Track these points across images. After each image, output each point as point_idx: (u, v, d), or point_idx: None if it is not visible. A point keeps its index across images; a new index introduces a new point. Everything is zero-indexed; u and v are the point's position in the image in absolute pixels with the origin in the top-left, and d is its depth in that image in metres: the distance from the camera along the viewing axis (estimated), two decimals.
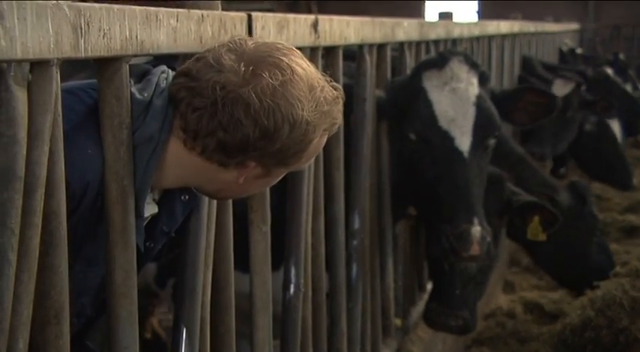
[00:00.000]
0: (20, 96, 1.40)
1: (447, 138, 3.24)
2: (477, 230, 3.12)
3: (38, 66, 1.44)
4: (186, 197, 1.89)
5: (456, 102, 3.24)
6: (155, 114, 1.73)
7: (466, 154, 3.21)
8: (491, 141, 3.31)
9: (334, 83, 1.80)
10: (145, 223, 1.80)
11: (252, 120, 1.67)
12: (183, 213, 1.91)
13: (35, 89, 1.44)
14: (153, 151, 1.72)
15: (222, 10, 2.08)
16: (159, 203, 1.85)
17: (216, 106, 1.67)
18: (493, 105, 3.34)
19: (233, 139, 1.68)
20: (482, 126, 3.24)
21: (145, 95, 1.73)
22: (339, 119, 1.80)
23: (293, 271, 2.59)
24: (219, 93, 1.67)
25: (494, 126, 3.30)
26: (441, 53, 3.45)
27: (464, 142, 3.22)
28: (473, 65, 3.31)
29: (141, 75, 1.80)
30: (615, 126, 6.61)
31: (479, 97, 3.27)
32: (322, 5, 15.16)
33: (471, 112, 3.24)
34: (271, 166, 1.76)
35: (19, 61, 1.38)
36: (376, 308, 3.43)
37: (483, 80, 3.33)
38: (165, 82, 1.77)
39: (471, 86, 3.27)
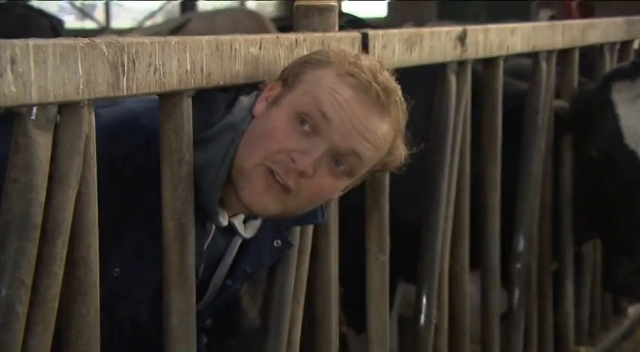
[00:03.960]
0: (41, 141, 1.35)
1: (633, 159, 2.87)
2: None
3: (66, 108, 1.38)
4: (279, 243, 1.78)
5: None
6: (241, 106, 1.66)
7: None
8: None
9: None
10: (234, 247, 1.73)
11: None
12: (271, 260, 1.81)
13: (63, 131, 1.39)
14: (232, 141, 1.62)
15: None
16: (249, 243, 1.75)
17: None
18: None
19: None
20: None
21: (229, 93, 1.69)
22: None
23: (424, 300, 2.42)
24: None
25: None
26: (634, 62, 3.06)
27: None
28: None
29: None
30: None
31: None
32: None
33: None
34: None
35: (33, 106, 1.32)
36: (546, 337, 3.15)
37: None
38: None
39: None
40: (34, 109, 1.34)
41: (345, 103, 1.58)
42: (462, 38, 2.33)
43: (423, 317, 2.43)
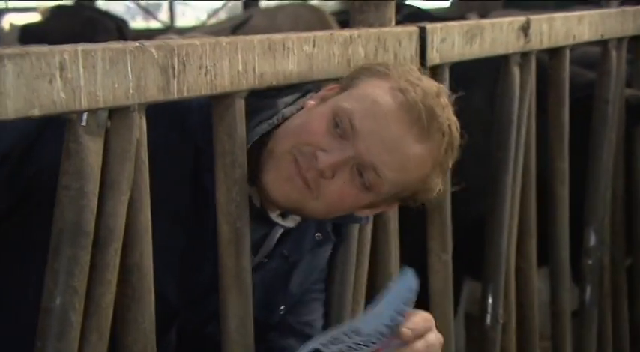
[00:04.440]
0: (92, 146, 1.33)
1: None
2: None
3: (116, 113, 1.36)
4: (320, 236, 1.73)
5: None
6: (289, 95, 1.65)
7: None
8: None
9: None
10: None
11: None
12: (310, 250, 1.75)
13: (113, 136, 1.37)
14: (269, 117, 1.61)
15: None
16: (289, 233, 1.70)
17: None
18: None
19: None
20: None
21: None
22: None
23: (490, 300, 2.36)
24: None
25: None
26: None
27: None
28: None
29: None
30: None
31: None
32: None
33: None
34: None
35: (83, 112, 1.31)
36: (622, 335, 3.05)
37: None
38: None
39: None
40: (85, 115, 1.32)
41: (382, 116, 1.53)
42: (525, 29, 2.25)
43: (489, 317, 2.36)
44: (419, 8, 7.70)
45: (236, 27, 5.49)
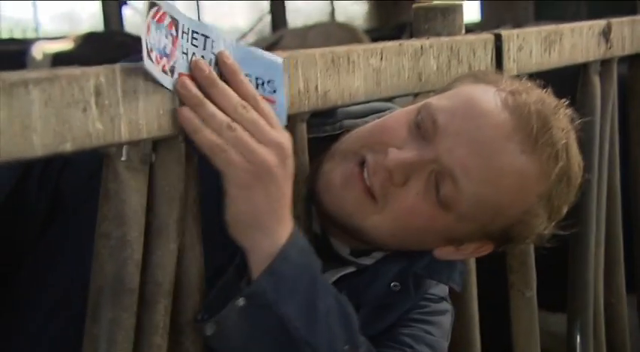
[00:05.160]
0: (134, 185, 1.11)
1: None
2: None
3: (162, 144, 1.14)
4: (398, 286, 1.39)
5: None
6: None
7: None
8: None
9: None
10: None
11: None
12: (380, 299, 1.40)
13: (159, 172, 1.14)
14: (324, 124, 1.41)
15: None
16: (357, 273, 1.39)
17: None
18: None
19: None
20: None
21: None
22: None
23: (578, 339, 2.11)
24: None
25: None
26: None
27: None
28: None
29: None
30: None
31: None
32: None
33: None
34: None
35: (123, 144, 1.08)
36: None
37: None
38: None
39: None
40: (125, 148, 1.10)
41: (477, 115, 1.24)
42: (606, 33, 2.02)
43: None
44: None
45: (268, 48, 5.29)
